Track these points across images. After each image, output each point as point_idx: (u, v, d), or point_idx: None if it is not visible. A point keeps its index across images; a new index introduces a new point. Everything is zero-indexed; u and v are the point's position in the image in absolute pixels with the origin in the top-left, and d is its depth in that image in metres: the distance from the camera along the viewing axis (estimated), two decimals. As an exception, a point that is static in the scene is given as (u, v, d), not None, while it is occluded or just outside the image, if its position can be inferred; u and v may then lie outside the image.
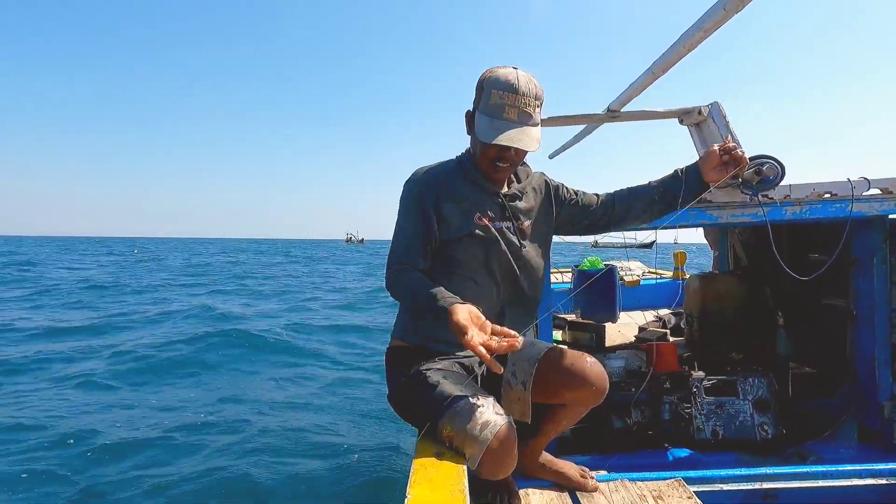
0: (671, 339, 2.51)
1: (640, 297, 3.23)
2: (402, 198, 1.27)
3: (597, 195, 1.45)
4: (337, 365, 5.18)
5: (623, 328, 2.85)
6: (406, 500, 0.80)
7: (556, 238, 1.53)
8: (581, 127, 3.19)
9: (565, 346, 1.26)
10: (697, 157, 2.67)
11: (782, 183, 1.56)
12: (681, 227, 1.73)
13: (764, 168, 1.47)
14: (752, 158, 1.51)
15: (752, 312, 2.15)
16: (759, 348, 2.11)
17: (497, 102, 1.15)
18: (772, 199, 1.60)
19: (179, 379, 4.49)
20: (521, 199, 1.31)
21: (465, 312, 1.01)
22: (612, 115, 2.70)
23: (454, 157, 1.33)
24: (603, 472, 1.38)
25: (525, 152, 1.22)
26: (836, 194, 1.59)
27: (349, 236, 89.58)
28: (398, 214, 1.27)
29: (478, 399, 1.05)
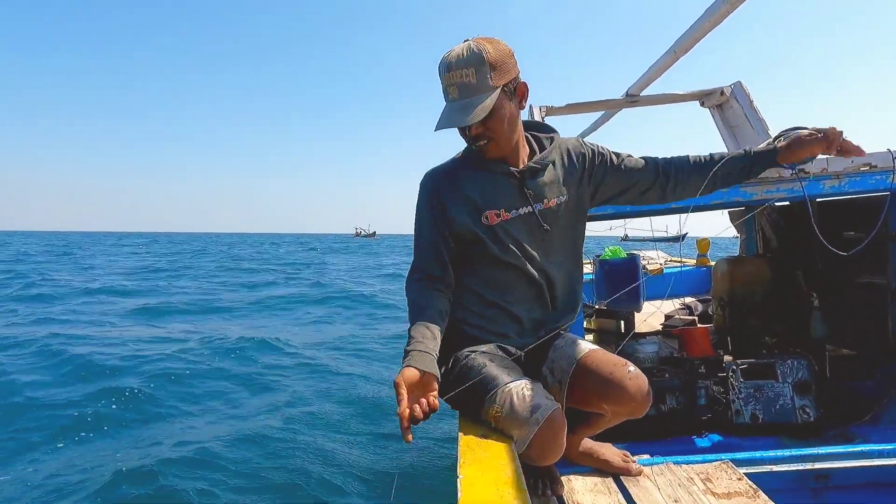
0: (700, 325, 2.45)
1: (664, 285, 3.17)
2: (417, 203, 1.24)
3: (644, 159, 1.29)
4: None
5: (648, 317, 2.79)
6: (458, 479, 0.77)
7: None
8: (598, 114, 3.15)
9: (605, 351, 1.17)
10: (721, 140, 2.63)
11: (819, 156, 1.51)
12: (713, 205, 1.68)
13: (802, 139, 1.42)
14: (787, 131, 1.46)
15: (784, 295, 2.09)
16: (793, 331, 2.05)
17: (443, 88, 1.09)
18: (808, 173, 1.55)
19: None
20: (542, 173, 1.19)
21: (410, 375, 0.96)
22: (632, 99, 2.66)
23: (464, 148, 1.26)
24: (646, 457, 1.34)
25: (494, 119, 1.09)
26: (875, 166, 1.54)
27: (358, 230, 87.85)
28: (415, 219, 1.24)
29: (526, 382, 1.02)
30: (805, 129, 1.48)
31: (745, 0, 1.63)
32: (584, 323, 2.41)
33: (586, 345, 1.17)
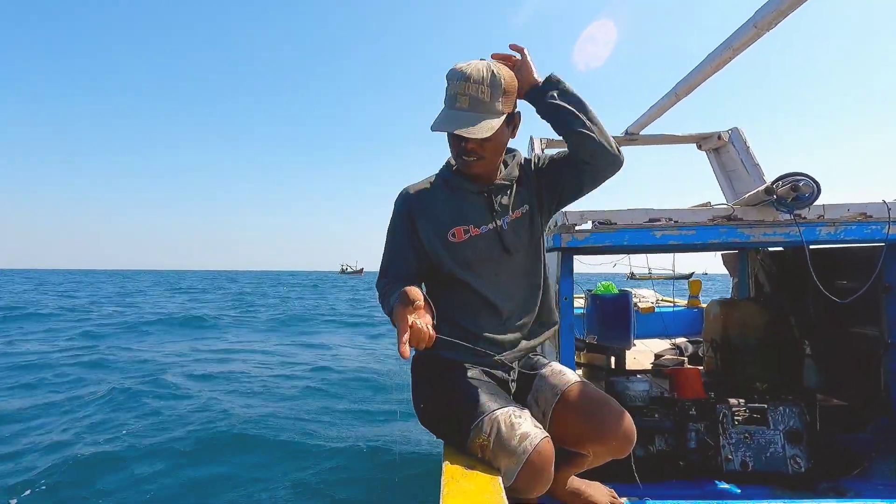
0: (690, 367, 2.42)
1: (655, 324, 3.16)
2: (390, 218, 1.26)
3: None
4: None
5: (638, 355, 2.77)
6: (441, 512, 0.73)
7: (588, 268, 1.41)
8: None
9: (591, 386, 1.15)
10: (717, 183, 2.66)
11: (816, 202, 1.53)
12: (710, 245, 1.68)
13: (801, 185, 1.44)
14: (787, 175, 1.48)
15: (777, 341, 2.08)
16: (785, 378, 2.02)
17: (451, 93, 1.10)
18: (804, 218, 1.56)
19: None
20: (508, 189, 1.22)
21: (403, 303, 0.97)
22: (631, 138, 2.70)
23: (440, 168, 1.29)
24: (634, 499, 1.29)
25: (492, 142, 1.11)
26: (870, 216, 1.55)
27: (344, 267, 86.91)
28: (387, 232, 1.26)
29: (514, 409, 0.98)
30: (804, 175, 1.49)
31: (748, 47, 1.68)
32: (575, 357, 2.37)
33: (572, 376, 1.15)
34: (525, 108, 1.23)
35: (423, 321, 0.94)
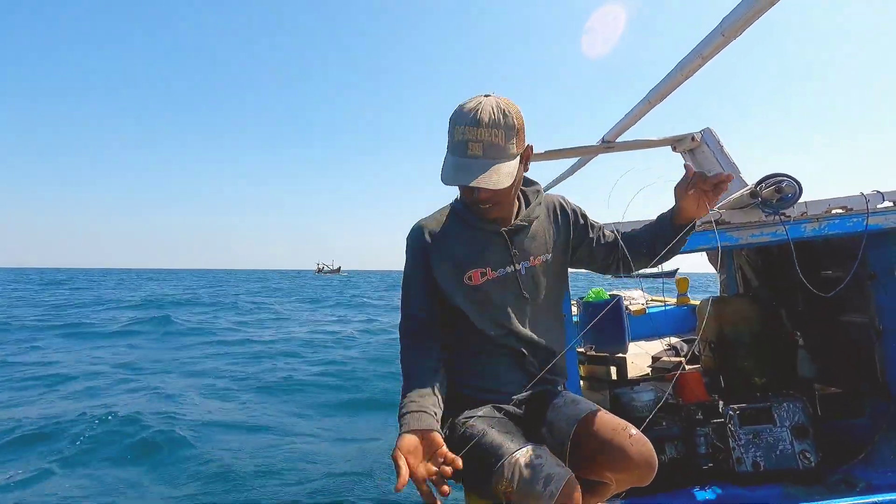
0: (688, 367, 2.44)
1: (647, 325, 3.18)
2: (405, 257, 1.22)
3: (613, 233, 1.27)
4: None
5: (635, 359, 2.77)
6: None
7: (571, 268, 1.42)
8: (575, 160, 3.23)
9: (607, 413, 1.11)
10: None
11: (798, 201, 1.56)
12: (699, 250, 1.70)
13: (784, 185, 1.47)
14: (769, 177, 1.51)
15: (770, 334, 2.11)
16: (781, 371, 2.05)
17: (461, 139, 1.02)
18: (788, 216, 1.59)
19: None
20: (527, 230, 1.18)
21: (407, 443, 0.92)
22: (608, 145, 2.73)
23: (452, 200, 1.24)
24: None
25: (511, 188, 1.08)
26: (851, 209, 1.59)
27: (321, 266, 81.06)
28: (403, 272, 1.21)
29: (532, 448, 0.95)
30: (785, 176, 1.52)
31: (716, 54, 1.71)
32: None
33: (587, 405, 1.12)
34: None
35: (423, 469, 0.89)
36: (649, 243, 1.20)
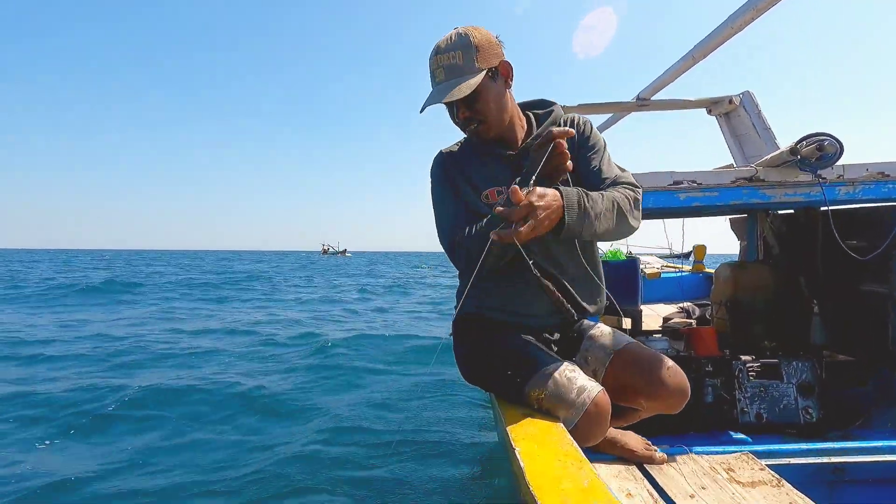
0: (704, 327, 2.49)
1: (661, 289, 3.22)
2: (431, 186, 1.25)
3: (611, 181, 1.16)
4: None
5: (647, 319, 2.83)
6: (516, 451, 0.76)
7: None
8: (607, 116, 3.19)
9: (644, 346, 1.16)
10: (727, 148, 2.67)
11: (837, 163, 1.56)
12: (732, 207, 1.71)
13: (825, 144, 1.46)
14: (811, 136, 1.51)
15: (786, 301, 2.14)
16: (792, 336, 2.10)
17: (431, 71, 1.11)
18: (824, 178, 1.60)
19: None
20: None
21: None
22: (642, 103, 2.70)
23: None
24: (665, 447, 1.35)
25: (481, 102, 1.09)
26: (888, 175, 1.59)
27: (326, 247, 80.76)
28: (432, 204, 1.24)
29: (568, 364, 1.01)
30: (827, 135, 1.52)
31: (771, 7, 1.68)
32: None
33: (624, 337, 1.17)
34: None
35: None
36: None
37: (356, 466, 2.24)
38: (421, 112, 1.10)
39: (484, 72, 1.07)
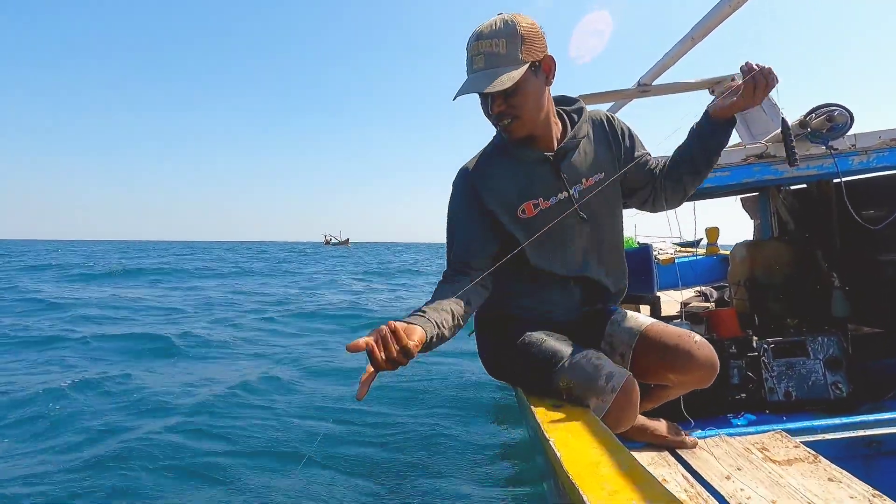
0: (725, 308, 2.47)
1: (675, 274, 3.20)
2: (451, 195, 1.19)
3: (657, 161, 1.22)
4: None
5: (664, 305, 2.81)
6: (549, 441, 0.76)
7: None
8: (609, 104, 3.18)
9: (667, 324, 1.15)
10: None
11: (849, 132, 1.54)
12: (744, 185, 1.70)
13: (835, 115, 1.45)
14: (820, 107, 1.49)
15: (804, 276, 2.12)
16: (814, 312, 2.07)
17: (468, 57, 1.04)
18: (836, 149, 1.58)
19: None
20: (574, 152, 1.13)
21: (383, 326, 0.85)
22: (643, 89, 2.69)
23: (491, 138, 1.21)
24: (696, 431, 1.34)
25: (520, 96, 1.03)
26: None
27: (328, 237, 79.07)
28: (447, 218, 1.19)
29: (593, 351, 1.01)
30: (837, 105, 1.50)
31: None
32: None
33: (646, 318, 1.17)
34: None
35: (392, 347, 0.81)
36: (689, 159, 1.13)
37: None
38: (454, 99, 1.02)
39: (527, 65, 1.01)
